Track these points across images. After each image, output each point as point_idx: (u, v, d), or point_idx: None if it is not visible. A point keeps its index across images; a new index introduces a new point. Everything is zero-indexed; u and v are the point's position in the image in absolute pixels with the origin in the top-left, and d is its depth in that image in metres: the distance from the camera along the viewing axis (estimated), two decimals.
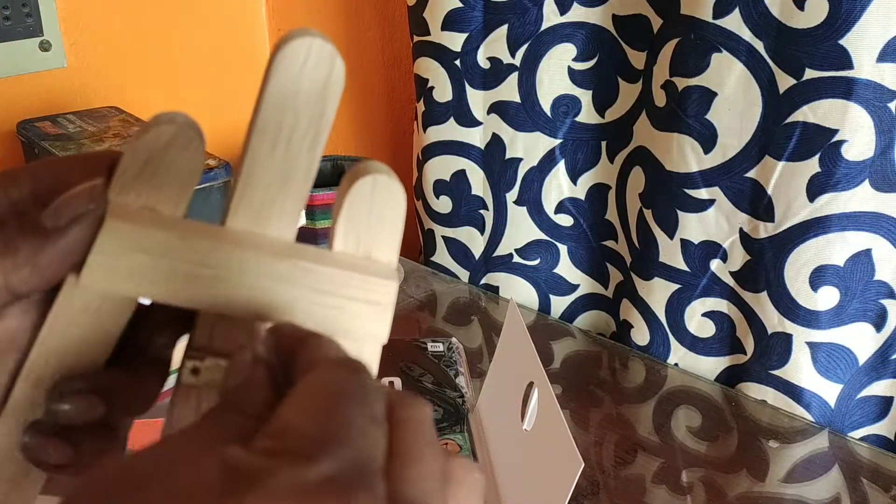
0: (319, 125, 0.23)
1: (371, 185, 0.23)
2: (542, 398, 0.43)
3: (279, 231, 0.24)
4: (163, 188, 0.22)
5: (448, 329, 0.74)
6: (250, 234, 0.23)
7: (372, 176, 0.23)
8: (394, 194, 0.24)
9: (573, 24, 0.69)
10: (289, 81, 0.22)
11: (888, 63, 0.52)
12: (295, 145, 0.23)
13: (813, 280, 0.60)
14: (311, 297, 0.23)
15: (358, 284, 0.24)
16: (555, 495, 0.38)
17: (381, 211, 0.24)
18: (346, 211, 0.24)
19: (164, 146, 0.22)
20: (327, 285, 0.23)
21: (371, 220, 0.24)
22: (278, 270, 0.23)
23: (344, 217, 0.24)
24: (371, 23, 0.92)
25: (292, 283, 0.23)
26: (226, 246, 0.23)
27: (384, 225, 0.24)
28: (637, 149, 0.69)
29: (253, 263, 0.23)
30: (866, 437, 0.63)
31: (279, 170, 0.23)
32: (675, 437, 0.60)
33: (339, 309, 0.24)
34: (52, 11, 0.80)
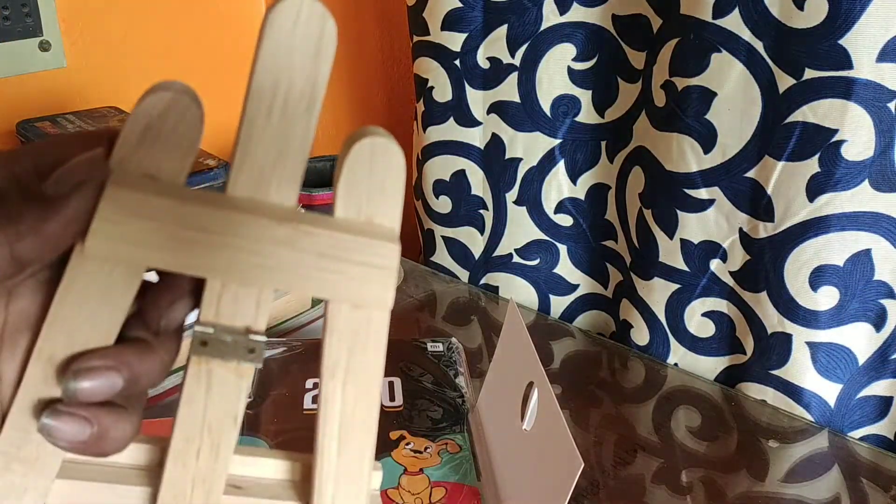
0: (315, 86, 0.23)
1: (370, 149, 0.24)
2: (542, 398, 0.43)
3: (280, 197, 0.24)
4: (163, 156, 0.23)
5: (448, 329, 0.74)
6: (251, 200, 0.23)
7: (370, 139, 0.24)
8: (393, 157, 0.24)
9: (573, 24, 0.69)
10: (282, 42, 0.22)
11: (888, 63, 0.52)
12: (291, 108, 0.23)
13: (813, 280, 0.60)
14: (314, 261, 0.23)
15: (360, 248, 0.24)
16: (555, 495, 0.38)
17: (380, 175, 0.24)
18: (346, 175, 0.24)
19: (161, 113, 0.22)
20: (330, 249, 0.24)
21: (371, 184, 0.24)
22: (280, 234, 0.23)
23: (344, 182, 0.24)
24: (371, 23, 0.92)
25: (294, 246, 0.23)
26: (227, 212, 0.23)
27: (385, 189, 0.24)
28: (637, 149, 0.69)
29: (254, 228, 0.23)
30: (866, 437, 0.63)
31: (277, 135, 0.23)
32: (675, 437, 0.60)
33: (341, 273, 0.24)
34: (52, 11, 0.80)
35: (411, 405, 0.55)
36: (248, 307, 0.24)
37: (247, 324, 0.24)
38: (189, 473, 0.25)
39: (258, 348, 0.24)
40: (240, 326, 0.24)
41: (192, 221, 0.23)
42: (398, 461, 0.49)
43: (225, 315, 0.24)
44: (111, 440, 0.23)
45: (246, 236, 0.23)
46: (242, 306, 0.24)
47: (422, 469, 0.49)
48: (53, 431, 0.23)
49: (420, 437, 0.52)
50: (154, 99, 0.22)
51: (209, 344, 0.24)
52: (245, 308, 0.24)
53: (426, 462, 0.49)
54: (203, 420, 0.24)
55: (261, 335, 0.24)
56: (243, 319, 0.24)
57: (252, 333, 0.24)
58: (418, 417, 0.53)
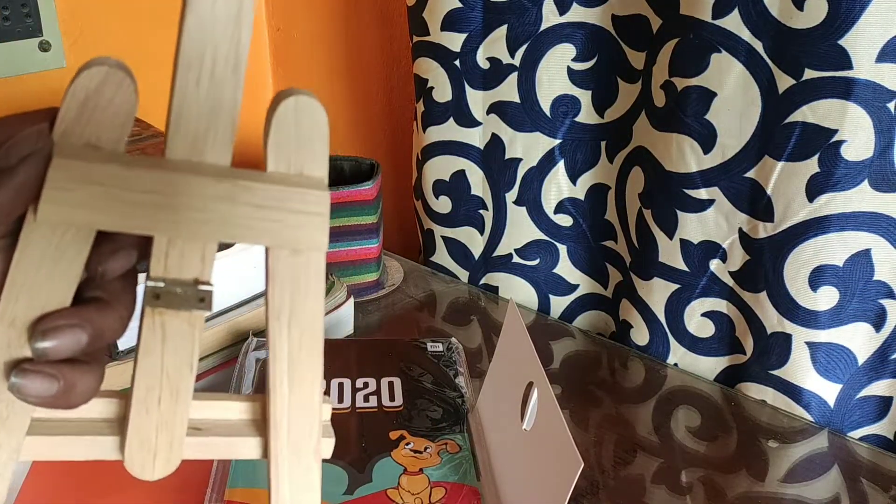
0: (238, 50, 0.25)
1: (294, 107, 0.25)
2: (542, 398, 0.43)
3: (215, 157, 0.25)
4: (102, 127, 0.24)
5: (447, 329, 0.74)
6: (189, 161, 0.25)
7: (294, 98, 0.25)
8: (316, 113, 0.26)
9: (572, 24, 0.69)
10: (204, 15, 0.24)
11: (887, 63, 0.52)
12: (218, 74, 0.25)
13: (812, 280, 0.60)
14: (252, 212, 0.25)
15: (295, 197, 0.26)
16: (554, 495, 0.38)
17: (306, 130, 0.26)
18: (274, 133, 0.25)
19: (97, 86, 0.24)
20: (266, 200, 0.25)
21: (298, 139, 0.26)
22: (219, 191, 0.25)
23: (272, 139, 0.26)
24: (371, 23, 0.92)
25: (233, 201, 0.25)
26: (168, 173, 0.24)
27: (311, 143, 0.26)
28: (636, 149, 0.69)
29: (194, 186, 0.25)
30: (866, 437, 0.63)
31: (207, 100, 0.25)
32: (675, 437, 0.60)
33: (279, 222, 0.26)
34: (52, 12, 0.80)
35: (411, 405, 0.55)
36: (195, 260, 0.25)
37: (194, 276, 0.26)
38: (153, 420, 0.27)
39: (207, 297, 0.26)
40: (188, 279, 0.26)
41: (136, 184, 0.24)
42: (398, 461, 0.49)
43: (173, 269, 0.25)
44: (78, 393, 0.25)
45: (187, 194, 0.25)
46: (189, 260, 0.25)
47: (421, 469, 0.49)
48: (23, 389, 0.24)
49: (420, 437, 0.52)
50: (90, 73, 0.24)
51: (161, 297, 0.25)
52: (192, 261, 0.25)
53: (426, 462, 0.49)
54: (161, 369, 0.26)
55: (208, 285, 0.26)
56: (191, 272, 0.26)
57: (201, 284, 0.26)
58: (418, 417, 0.53)
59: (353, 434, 0.51)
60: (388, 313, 0.77)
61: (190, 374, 0.27)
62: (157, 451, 0.27)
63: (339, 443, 0.51)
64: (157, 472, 0.27)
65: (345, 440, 0.51)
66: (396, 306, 0.78)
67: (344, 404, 0.54)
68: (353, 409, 0.54)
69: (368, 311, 0.77)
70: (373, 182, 0.76)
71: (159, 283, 0.25)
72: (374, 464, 0.49)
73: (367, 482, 0.47)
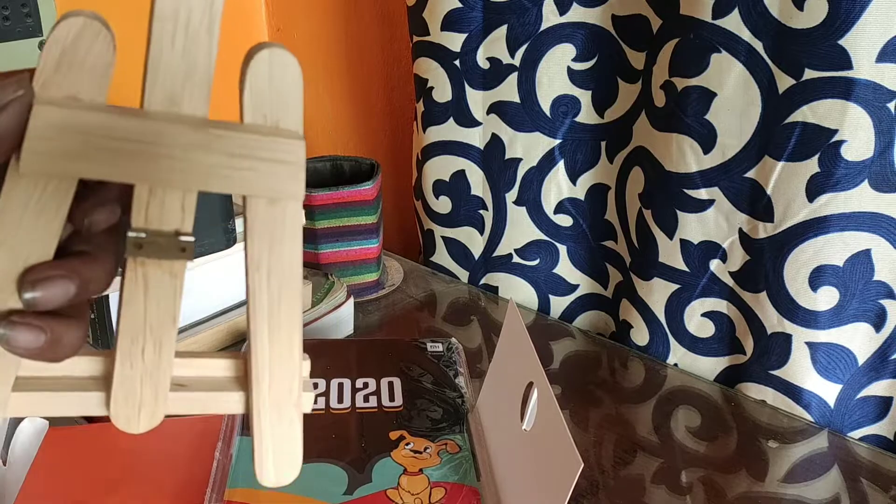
0: (212, 10, 0.25)
1: (268, 59, 0.26)
2: (542, 398, 0.43)
3: (192, 109, 0.26)
4: (81, 78, 0.25)
5: (447, 329, 0.74)
6: (166, 112, 0.25)
7: (268, 50, 0.26)
8: (289, 65, 0.26)
9: (572, 24, 0.69)
10: None
11: (887, 63, 0.52)
12: (192, 31, 0.25)
13: (812, 280, 0.60)
14: (227, 161, 0.26)
15: (269, 146, 0.26)
16: (554, 495, 0.38)
17: (280, 83, 0.26)
18: (249, 86, 0.26)
19: (74, 38, 0.24)
20: (240, 149, 0.26)
21: (272, 92, 0.26)
22: (195, 139, 0.25)
23: (247, 91, 0.26)
24: (371, 23, 0.92)
25: (208, 149, 0.25)
26: (146, 122, 0.25)
27: (286, 95, 0.26)
28: (636, 149, 0.69)
29: (172, 135, 0.25)
30: (866, 437, 0.63)
31: (182, 56, 0.25)
32: (675, 438, 0.60)
33: (254, 170, 0.26)
34: (52, 12, 0.80)
35: (411, 405, 0.55)
36: (175, 211, 0.26)
37: (175, 227, 0.26)
38: (137, 372, 0.27)
39: (188, 247, 0.26)
40: (169, 230, 0.26)
41: (116, 132, 0.25)
42: (398, 461, 0.49)
43: (154, 220, 0.26)
44: (64, 345, 0.26)
45: (165, 143, 0.25)
46: (169, 210, 0.26)
47: (421, 469, 0.49)
48: (12, 340, 0.25)
49: (420, 437, 0.52)
50: (66, 24, 0.24)
51: (143, 247, 0.26)
52: (172, 212, 0.26)
53: (426, 462, 0.49)
54: (144, 320, 0.27)
55: (189, 236, 0.26)
56: (172, 223, 0.26)
57: (181, 235, 0.26)
58: (418, 417, 0.53)
59: (353, 434, 0.51)
60: (388, 313, 0.77)
61: (173, 326, 0.27)
62: (143, 405, 0.27)
63: (339, 443, 0.51)
64: (141, 426, 0.28)
65: (345, 440, 0.51)
66: (396, 306, 0.78)
67: (344, 404, 0.54)
68: (353, 409, 0.54)
69: (368, 311, 0.77)
70: (373, 182, 0.76)
71: (141, 233, 0.26)
72: (373, 464, 0.49)
73: (367, 482, 0.47)
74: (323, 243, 0.77)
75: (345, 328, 0.71)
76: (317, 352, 0.60)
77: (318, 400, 0.55)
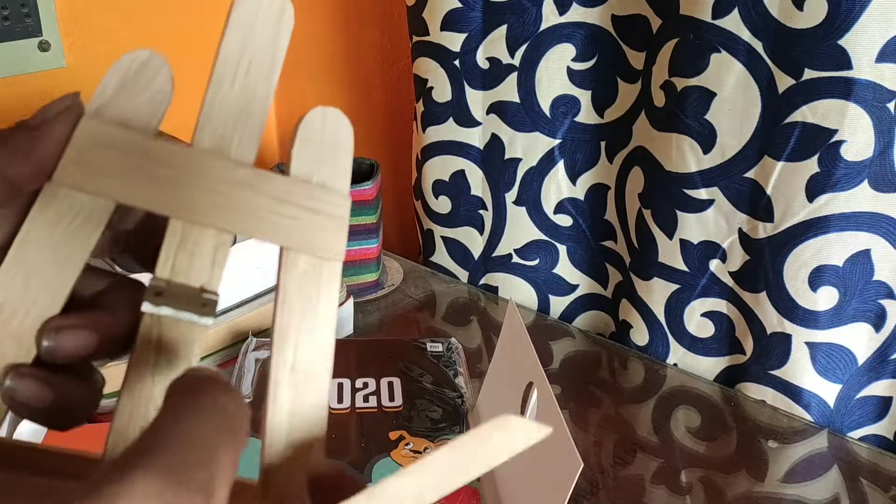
0: (273, 58, 0.25)
1: (321, 117, 0.26)
2: (542, 398, 0.43)
3: (240, 154, 0.25)
4: (135, 109, 0.24)
5: (447, 329, 0.74)
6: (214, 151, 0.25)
7: (322, 109, 0.26)
8: (342, 125, 0.26)
9: (572, 24, 0.69)
10: (247, 22, 0.25)
11: (887, 63, 0.52)
12: (252, 75, 0.25)
13: (812, 280, 0.60)
14: (272, 205, 0.25)
15: (317, 196, 0.25)
16: (554, 496, 0.38)
17: (332, 142, 0.26)
18: (299, 140, 0.25)
19: (137, 69, 0.24)
20: (286, 194, 0.25)
21: (323, 150, 0.26)
22: (240, 175, 0.25)
23: (298, 146, 0.25)
24: (370, 23, 0.92)
25: (253, 189, 0.25)
26: (193, 152, 0.24)
27: (336, 155, 0.26)
28: (636, 149, 0.69)
29: (216, 168, 0.24)
30: (865, 437, 0.63)
31: (239, 97, 0.25)
32: (675, 438, 0.60)
33: (298, 220, 0.25)
34: (51, 11, 0.80)
35: (411, 405, 0.55)
36: (205, 264, 0.24)
37: (202, 283, 0.25)
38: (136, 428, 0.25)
39: (210, 304, 0.24)
40: (194, 285, 0.24)
41: (158, 157, 0.24)
42: (398, 461, 0.49)
43: (180, 272, 0.24)
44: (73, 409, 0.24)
45: (208, 176, 0.24)
46: (198, 261, 0.24)
47: None
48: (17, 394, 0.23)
49: (419, 437, 0.52)
50: (131, 56, 0.24)
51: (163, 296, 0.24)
52: (201, 264, 0.24)
53: None
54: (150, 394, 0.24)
55: (214, 294, 0.25)
56: (198, 278, 0.24)
57: (206, 292, 0.25)
58: (418, 418, 0.53)
59: (352, 434, 0.51)
60: (387, 313, 0.77)
61: None
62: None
63: (339, 443, 0.51)
64: None
65: (344, 440, 0.51)
66: (396, 306, 0.78)
67: (344, 404, 0.54)
68: (353, 410, 0.54)
69: (368, 311, 0.77)
70: (372, 182, 0.76)
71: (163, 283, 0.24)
72: (373, 464, 0.49)
73: (367, 482, 0.47)
74: None
75: (344, 328, 0.71)
76: None
77: None
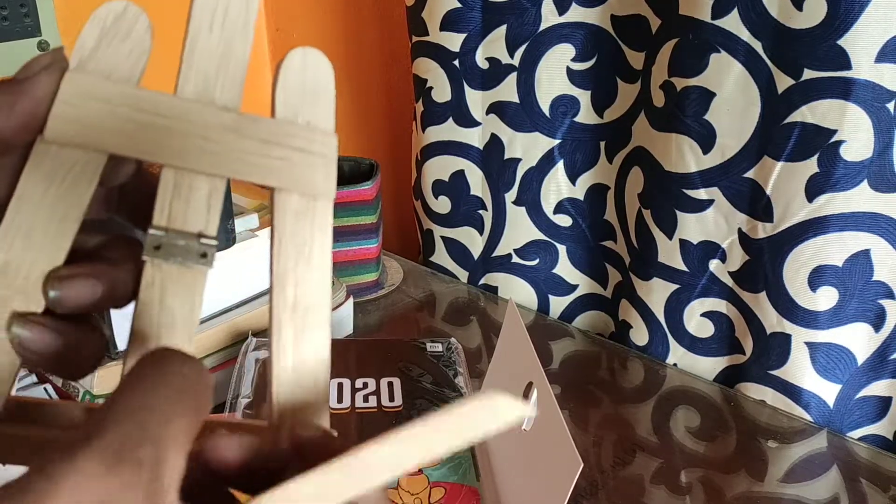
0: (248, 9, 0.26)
1: (301, 57, 0.26)
2: (542, 398, 0.43)
3: (224, 100, 0.25)
4: (117, 59, 0.25)
5: (447, 329, 0.74)
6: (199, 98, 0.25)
7: (301, 49, 0.26)
8: (323, 64, 0.26)
9: (572, 24, 0.69)
10: None
11: (887, 63, 0.52)
12: (229, 25, 0.25)
13: (812, 280, 0.60)
14: (260, 147, 0.25)
15: (303, 135, 0.25)
16: (554, 496, 0.38)
17: (314, 82, 0.26)
18: (282, 81, 0.26)
19: (115, 19, 0.25)
20: (273, 135, 0.25)
21: (305, 91, 0.26)
22: (227, 121, 0.25)
23: (280, 88, 0.26)
24: (370, 23, 0.92)
25: (241, 133, 0.25)
26: (178, 100, 0.25)
27: (318, 95, 0.26)
28: (636, 149, 0.69)
29: (203, 114, 0.25)
30: (865, 437, 0.63)
31: (218, 46, 0.25)
32: (674, 438, 0.60)
33: (287, 160, 0.25)
34: (51, 11, 0.80)
35: (411, 405, 0.55)
36: (200, 207, 0.25)
37: (199, 228, 0.25)
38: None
39: (209, 252, 0.25)
40: (191, 231, 0.25)
41: (146, 106, 0.24)
42: None
43: (177, 219, 0.25)
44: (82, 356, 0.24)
45: (196, 123, 0.24)
46: (195, 206, 0.25)
47: (421, 469, 0.49)
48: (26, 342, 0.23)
49: None
50: (108, 6, 0.25)
51: (162, 247, 0.24)
52: (197, 208, 0.25)
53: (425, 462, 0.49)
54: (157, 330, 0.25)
55: (212, 239, 0.25)
56: (195, 224, 0.25)
57: (204, 237, 0.25)
58: (418, 417, 0.53)
59: (352, 434, 0.51)
60: (387, 313, 0.77)
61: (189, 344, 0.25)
62: None
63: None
64: None
65: (344, 440, 0.51)
66: (396, 306, 0.78)
67: (343, 404, 0.54)
68: (353, 410, 0.54)
69: (368, 311, 0.77)
70: (372, 182, 0.76)
71: (160, 232, 0.24)
72: None
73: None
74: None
75: (344, 328, 0.71)
76: None
77: None
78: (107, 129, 0.24)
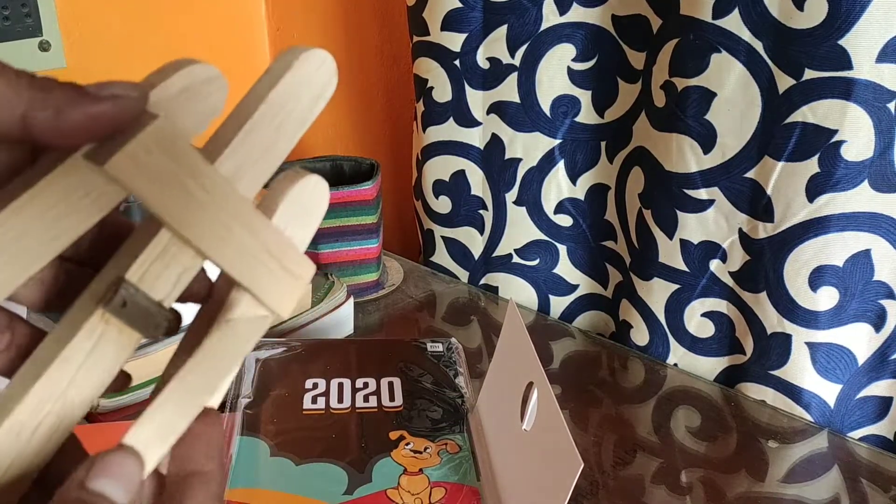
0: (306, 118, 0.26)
1: (314, 184, 0.27)
2: (542, 398, 0.43)
3: (244, 190, 0.25)
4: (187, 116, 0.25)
5: (447, 329, 0.74)
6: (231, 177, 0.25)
7: (317, 176, 0.27)
8: (324, 197, 0.27)
9: (572, 24, 0.69)
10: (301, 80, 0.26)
11: (887, 63, 0.52)
12: (287, 126, 0.26)
13: (812, 280, 0.60)
14: (259, 252, 0.26)
15: (291, 255, 0.27)
16: (554, 496, 0.38)
17: (312, 207, 0.27)
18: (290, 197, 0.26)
19: (204, 80, 0.25)
20: (275, 247, 0.26)
21: (304, 212, 0.27)
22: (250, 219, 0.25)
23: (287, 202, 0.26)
24: (370, 23, 0.92)
25: (254, 233, 0.25)
26: (219, 178, 0.24)
27: (311, 219, 0.27)
28: (636, 149, 0.69)
29: (238, 204, 0.25)
30: (865, 438, 0.63)
31: (269, 139, 0.26)
32: (675, 438, 0.60)
33: (270, 271, 0.26)
34: (52, 11, 0.80)
35: (411, 405, 0.55)
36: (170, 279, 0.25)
37: (161, 297, 0.25)
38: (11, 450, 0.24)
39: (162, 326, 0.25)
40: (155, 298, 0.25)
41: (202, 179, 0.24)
42: (398, 461, 0.49)
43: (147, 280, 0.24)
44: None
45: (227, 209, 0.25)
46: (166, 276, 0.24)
47: (421, 469, 0.49)
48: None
49: (420, 437, 0.52)
50: (205, 68, 0.25)
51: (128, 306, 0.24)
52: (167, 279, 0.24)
53: (426, 462, 0.49)
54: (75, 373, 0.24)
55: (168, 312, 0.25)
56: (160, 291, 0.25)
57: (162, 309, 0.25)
58: (418, 418, 0.53)
59: (353, 434, 0.51)
60: (388, 313, 0.77)
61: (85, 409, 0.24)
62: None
63: (339, 443, 0.51)
64: None
65: (345, 440, 0.51)
66: (396, 306, 0.78)
67: (344, 404, 0.54)
68: (353, 409, 0.54)
69: (368, 311, 0.77)
70: (373, 182, 0.76)
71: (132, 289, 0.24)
72: (373, 464, 0.49)
73: (367, 482, 0.47)
74: (323, 243, 0.77)
75: (345, 328, 0.71)
76: (316, 352, 0.61)
77: (318, 400, 0.55)
78: (156, 183, 0.23)
